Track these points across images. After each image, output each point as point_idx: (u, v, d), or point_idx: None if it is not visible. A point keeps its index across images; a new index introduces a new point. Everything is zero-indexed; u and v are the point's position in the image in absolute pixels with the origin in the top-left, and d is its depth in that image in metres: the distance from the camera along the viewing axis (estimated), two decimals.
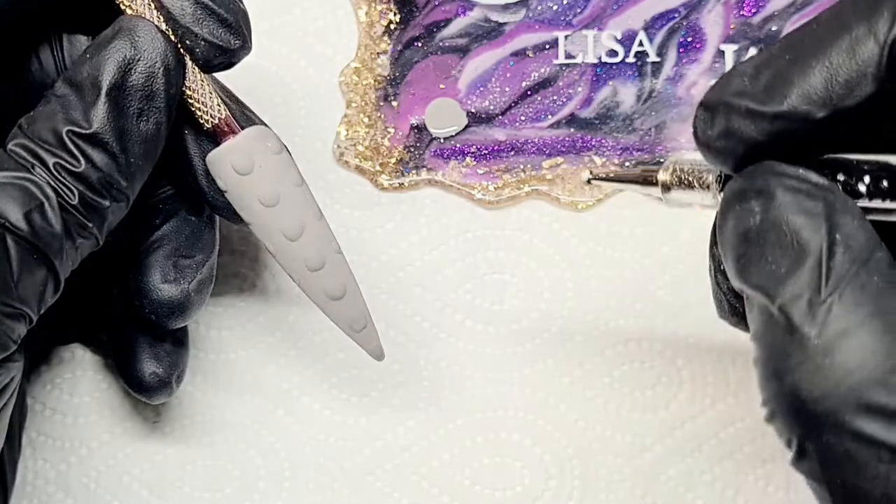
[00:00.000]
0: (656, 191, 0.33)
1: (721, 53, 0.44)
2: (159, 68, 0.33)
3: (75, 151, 0.32)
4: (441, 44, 0.44)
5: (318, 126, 0.44)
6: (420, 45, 0.44)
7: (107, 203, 0.32)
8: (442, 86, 0.44)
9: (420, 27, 0.44)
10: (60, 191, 0.32)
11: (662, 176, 0.32)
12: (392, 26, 0.45)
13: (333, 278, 0.36)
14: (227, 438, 0.41)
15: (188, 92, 0.34)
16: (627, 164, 0.43)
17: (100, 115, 0.32)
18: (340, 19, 0.45)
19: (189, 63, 0.34)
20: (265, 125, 0.36)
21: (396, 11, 0.45)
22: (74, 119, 0.32)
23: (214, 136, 0.35)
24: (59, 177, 0.32)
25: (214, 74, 0.36)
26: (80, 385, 0.42)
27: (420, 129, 0.44)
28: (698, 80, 0.43)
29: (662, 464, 0.40)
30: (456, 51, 0.44)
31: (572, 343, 0.42)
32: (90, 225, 0.32)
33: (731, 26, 0.44)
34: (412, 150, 0.44)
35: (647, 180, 0.33)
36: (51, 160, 0.31)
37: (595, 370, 0.42)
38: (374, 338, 0.37)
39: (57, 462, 0.41)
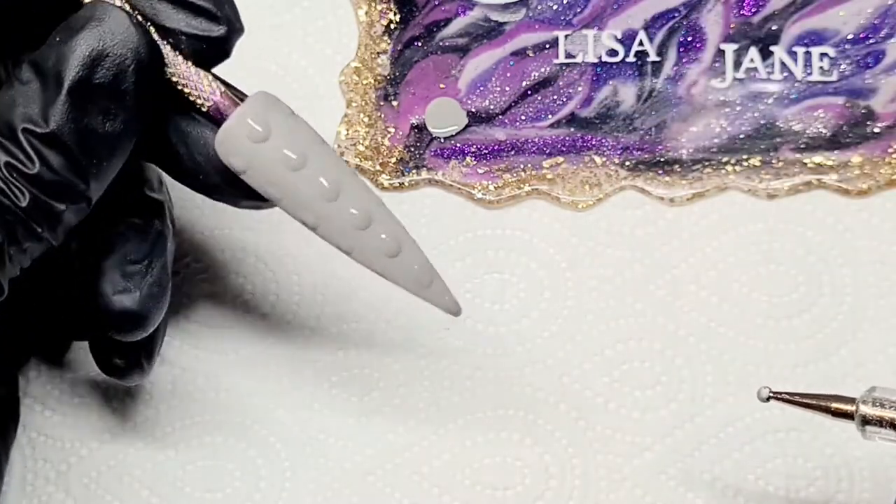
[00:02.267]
0: (852, 427, 0.33)
1: (721, 53, 0.44)
2: (129, 65, 0.30)
3: (30, 151, 0.29)
4: (441, 43, 0.44)
5: (318, 126, 0.44)
6: (420, 44, 0.44)
7: (62, 206, 0.30)
8: (442, 85, 0.44)
9: (420, 27, 0.44)
10: (9, 192, 0.29)
11: (864, 409, 0.32)
12: (392, 26, 0.44)
13: (386, 232, 0.33)
14: (227, 438, 0.41)
15: (175, 79, 0.31)
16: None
17: (59, 113, 0.29)
18: (340, 19, 0.45)
19: (167, 51, 0.31)
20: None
21: (396, 11, 0.45)
22: (31, 115, 0.29)
23: (219, 116, 0.32)
24: (10, 177, 0.29)
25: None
26: (80, 385, 0.42)
27: (420, 128, 0.44)
28: (698, 80, 0.43)
29: (662, 464, 0.40)
30: (456, 50, 0.44)
31: (572, 343, 0.42)
32: (39, 230, 0.30)
33: (731, 26, 0.44)
34: (412, 149, 0.44)
35: (839, 412, 0.33)
36: (1, 159, 0.29)
37: (595, 370, 0.41)
38: (445, 290, 0.34)
39: (57, 462, 0.41)
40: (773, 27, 0.43)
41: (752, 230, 0.43)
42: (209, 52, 0.32)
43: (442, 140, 0.44)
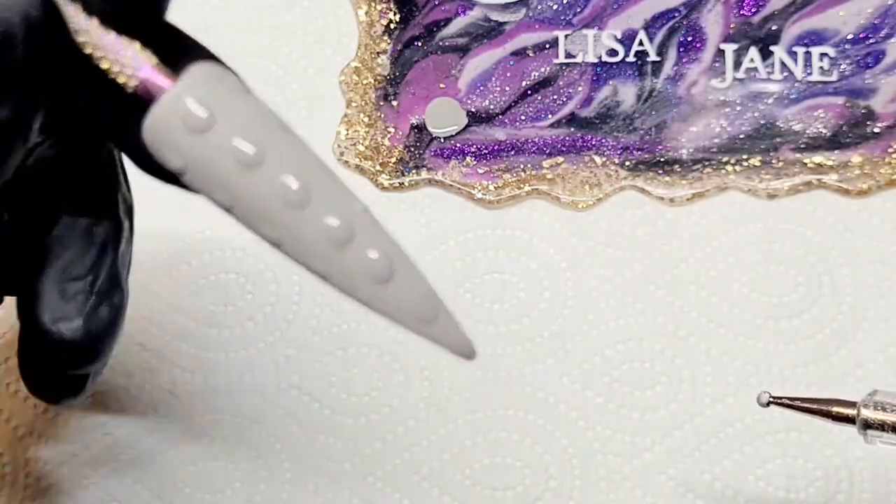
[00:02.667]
0: (852, 428, 0.32)
1: (721, 53, 0.43)
2: (16, 32, 0.22)
3: None
4: (441, 43, 0.44)
5: (318, 126, 0.44)
6: (420, 44, 0.44)
7: None
8: (442, 85, 0.44)
9: (420, 26, 0.44)
10: None
11: (865, 413, 0.32)
12: (392, 26, 0.44)
13: (373, 249, 0.24)
14: (227, 439, 0.41)
15: (89, 50, 0.23)
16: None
17: None
18: (340, 19, 0.45)
19: (75, 12, 0.23)
20: (222, 64, 0.25)
21: (396, 11, 0.45)
22: None
23: (148, 98, 0.23)
24: None
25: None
26: None
27: (420, 128, 0.44)
28: (698, 80, 0.43)
29: (662, 464, 0.40)
30: (456, 50, 0.44)
31: (572, 343, 0.42)
32: None
33: (731, 25, 0.44)
34: (412, 149, 0.44)
35: (840, 417, 0.32)
36: None
37: (595, 370, 0.41)
38: (454, 327, 0.26)
39: (56, 463, 0.41)
40: (773, 27, 0.43)
41: (752, 230, 0.43)
42: (130, 15, 0.24)
43: (442, 140, 0.44)
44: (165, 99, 0.23)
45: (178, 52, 0.24)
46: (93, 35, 0.23)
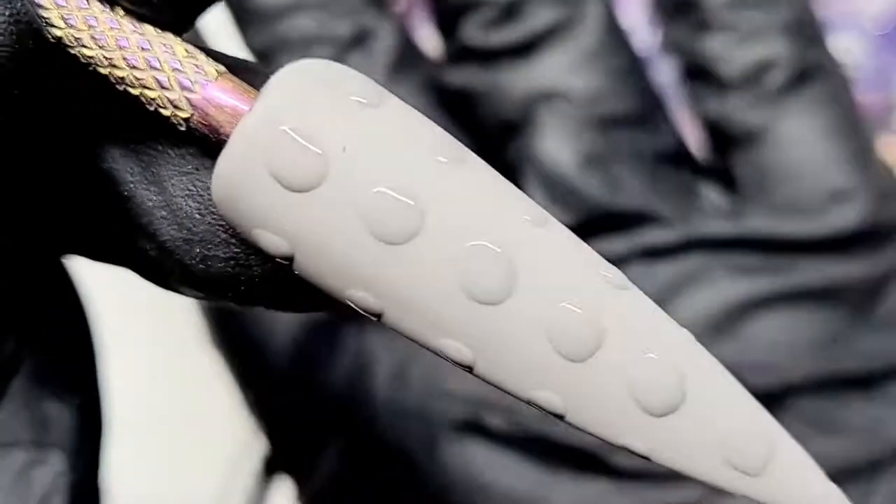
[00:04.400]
0: None
1: None
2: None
3: None
4: None
5: None
6: None
7: None
8: None
9: None
10: None
11: None
12: None
13: (636, 357, 0.14)
14: (228, 440, 0.41)
15: (105, 64, 0.13)
16: None
17: None
18: None
19: (97, 6, 0.13)
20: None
21: None
22: None
23: (212, 135, 0.13)
24: None
25: None
26: None
27: None
28: None
29: None
30: None
31: None
32: None
33: None
34: None
35: None
36: None
37: None
38: (797, 477, 0.14)
39: None
40: None
41: None
42: (162, 13, 0.13)
43: None
44: (239, 132, 0.13)
45: (233, 57, 0.14)
46: (110, 39, 0.13)
